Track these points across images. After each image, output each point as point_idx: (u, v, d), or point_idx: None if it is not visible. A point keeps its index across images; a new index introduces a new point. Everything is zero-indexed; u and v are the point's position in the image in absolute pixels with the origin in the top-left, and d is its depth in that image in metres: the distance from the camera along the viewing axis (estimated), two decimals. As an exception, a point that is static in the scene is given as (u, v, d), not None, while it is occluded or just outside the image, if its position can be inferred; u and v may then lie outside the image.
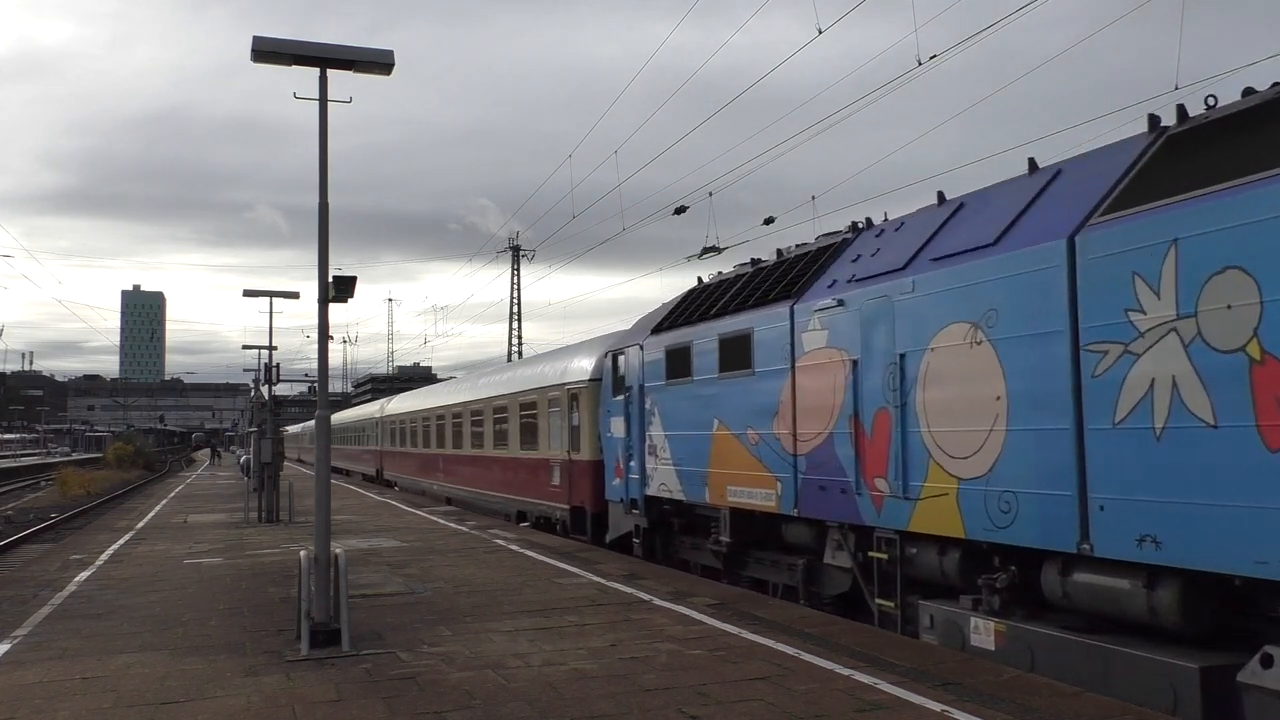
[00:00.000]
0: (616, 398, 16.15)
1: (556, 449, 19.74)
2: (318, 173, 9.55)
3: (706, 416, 12.77)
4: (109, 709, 6.97)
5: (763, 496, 11.56)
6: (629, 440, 15.49)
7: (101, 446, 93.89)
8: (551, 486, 19.94)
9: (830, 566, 10.87)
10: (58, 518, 28.12)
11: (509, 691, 7.23)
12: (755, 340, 11.71)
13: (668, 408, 14.04)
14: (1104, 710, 6.55)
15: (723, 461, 12.42)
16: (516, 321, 66.62)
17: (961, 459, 8.49)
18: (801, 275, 11.44)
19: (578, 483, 18.56)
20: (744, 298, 12.43)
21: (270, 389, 26.40)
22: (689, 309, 14.07)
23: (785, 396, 11.08)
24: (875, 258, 10.17)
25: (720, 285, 13.76)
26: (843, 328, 10.15)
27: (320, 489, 9.44)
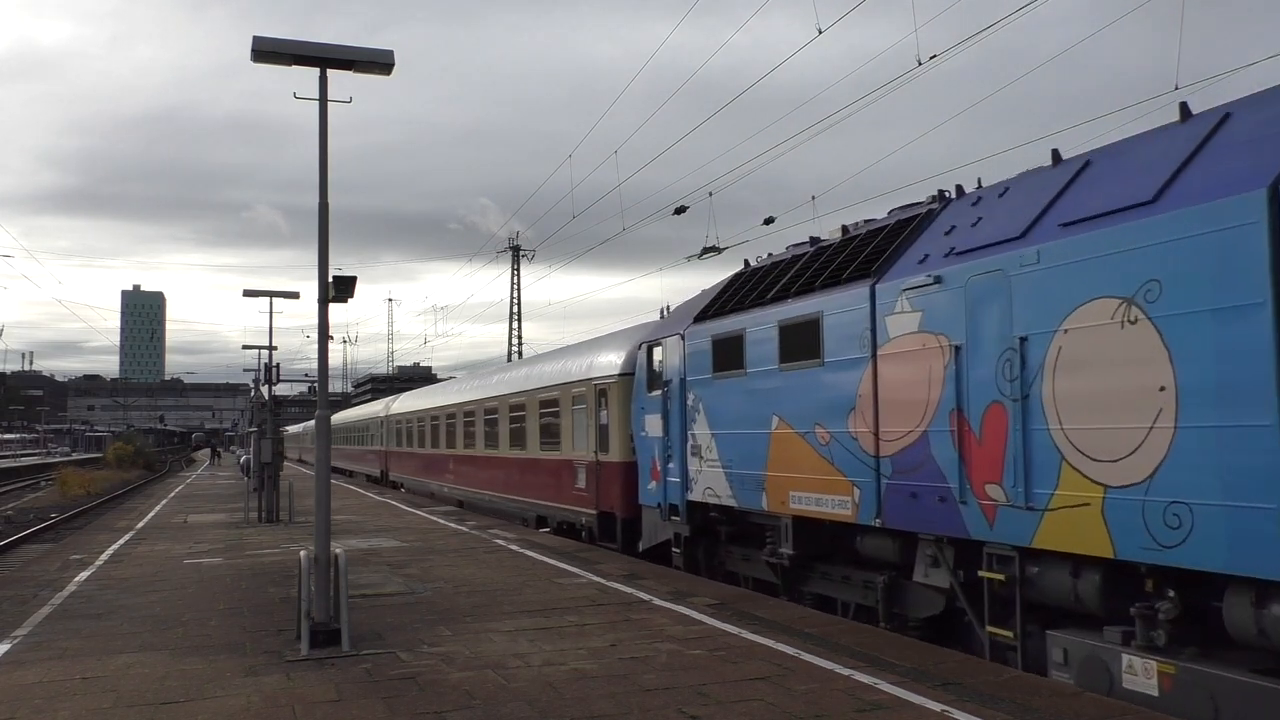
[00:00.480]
0: (652, 393, 14.76)
1: (581, 449, 18.41)
2: (318, 173, 9.56)
3: (763, 413, 11.46)
4: (109, 709, 6.97)
5: (835, 504, 10.20)
6: (667, 440, 14.12)
7: (101, 446, 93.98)
8: (576, 490, 18.60)
9: (921, 586, 9.44)
10: (58, 518, 28.08)
11: (509, 691, 7.24)
12: (825, 326, 10.39)
13: (715, 404, 12.67)
14: (1104, 710, 6.55)
15: (784, 464, 11.11)
16: (516, 321, 66.63)
17: (1108, 463, 7.06)
18: (880, 252, 10.04)
19: (606, 486, 17.18)
20: (809, 279, 11.05)
21: (270, 389, 26.38)
22: (739, 294, 12.71)
23: (864, 390, 9.75)
24: (979, 228, 8.78)
25: (776, 267, 12.34)
26: (940, 309, 8.79)
27: (320, 489, 9.44)
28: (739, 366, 12.09)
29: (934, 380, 8.87)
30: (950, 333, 8.68)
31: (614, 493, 16.82)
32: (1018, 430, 7.89)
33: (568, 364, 20.18)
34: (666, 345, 14.30)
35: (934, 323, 8.89)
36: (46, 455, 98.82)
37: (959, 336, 8.58)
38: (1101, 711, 6.51)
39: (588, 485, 17.98)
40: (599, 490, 17.45)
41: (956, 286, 8.62)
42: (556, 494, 19.82)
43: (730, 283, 13.56)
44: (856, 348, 9.93)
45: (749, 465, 11.84)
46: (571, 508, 18.86)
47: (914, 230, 9.96)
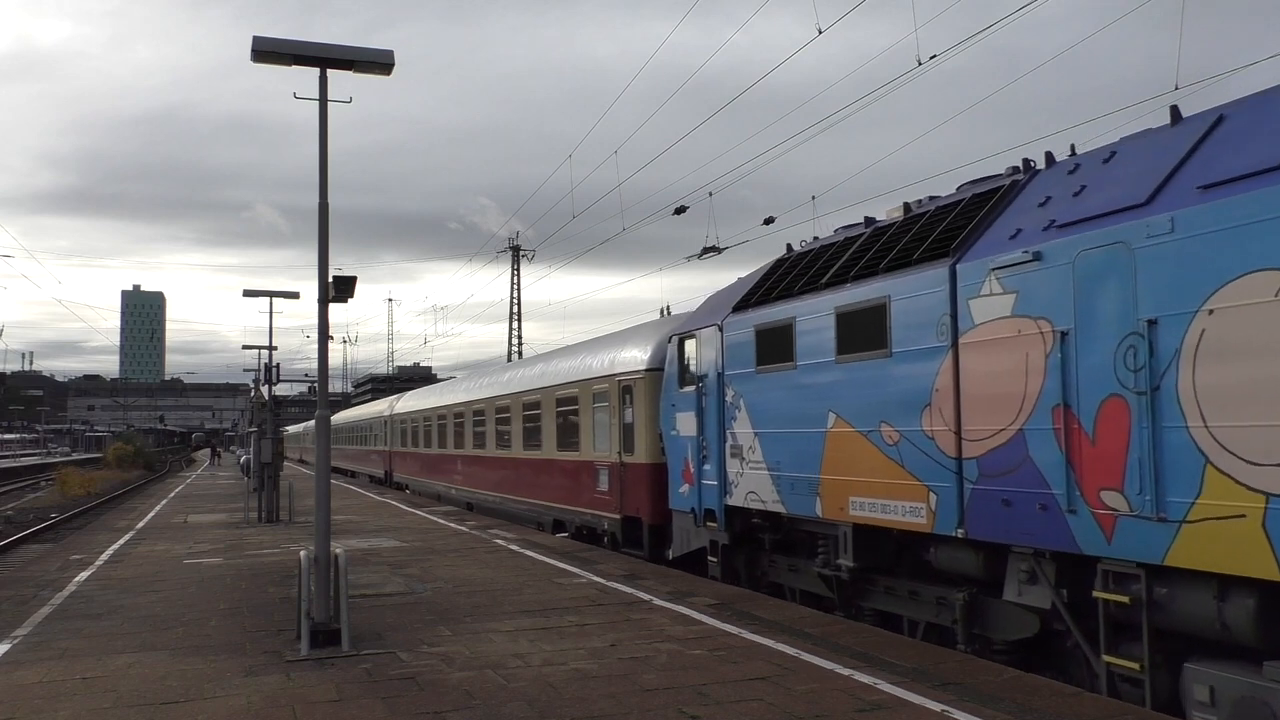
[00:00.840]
0: (684, 390, 13.70)
1: (604, 450, 17.27)
2: (318, 173, 9.58)
3: (817, 410, 10.48)
4: (109, 709, 6.97)
5: (905, 511, 9.19)
6: (702, 440, 13.08)
7: (101, 447, 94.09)
8: (597, 493, 17.48)
9: (1013, 605, 8.35)
10: (58, 518, 28.10)
11: (509, 691, 7.24)
12: (892, 313, 9.38)
13: (759, 400, 11.66)
14: (1104, 710, 6.55)
15: (842, 466, 10.10)
16: (516, 321, 66.62)
17: (1271, 467, 6.02)
18: (958, 228, 9.03)
19: (632, 489, 16.05)
20: (872, 261, 10.03)
21: (270, 389, 26.38)
22: (785, 280, 11.68)
23: (943, 383, 8.71)
24: (1085, 197, 7.76)
25: (827, 250, 11.33)
26: (1040, 289, 7.77)
27: (320, 489, 9.44)
28: (787, 359, 11.11)
29: (1032, 371, 7.83)
30: (1053, 316, 7.65)
31: (640, 496, 15.75)
32: (1144, 428, 6.83)
33: (587, 359, 19.03)
34: (701, 337, 13.30)
35: (1032, 305, 7.87)
36: (46, 455, 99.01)
37: (1064, 320, 7.55)
38: (1101, 711, 6.52)
39: (610, 488, 16.91)
40: (623, 493, 16.37)
41: (1061, 263, 7.59)
42: (575, 497, 18.78)
43: (773, 269, 12.46)
44: (932, 336, 8.89)
45: (800, 467, 10.84)
46: (592, 512, 17.84)
47: (997, 204, 8.93)
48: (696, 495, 13.31)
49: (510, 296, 65.78)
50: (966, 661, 8.02)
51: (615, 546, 16.53)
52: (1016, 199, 8.80)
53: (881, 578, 10.27)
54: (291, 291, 25.80)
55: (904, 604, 9.96)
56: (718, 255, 25.54)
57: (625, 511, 16.29)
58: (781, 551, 12.06)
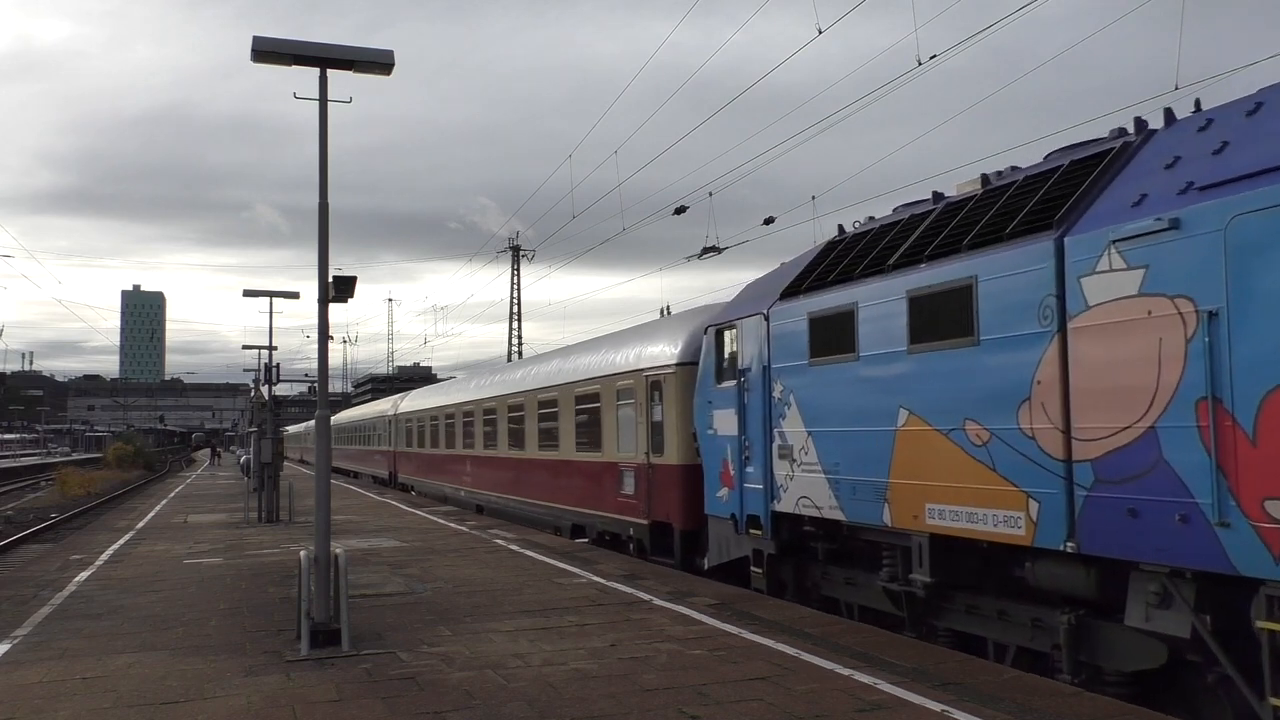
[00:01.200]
0: (723, 385, 12.65)
1: (629, 451, 16.28)
2: (318, 173, 9.56)
3: (884, 405, 9.44)
4: (109, 709, 6.97)
5: (998, 520, 8.07)
6: (744, 439, 12.05)
7: (101, 446, 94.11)
8: (621, 497, 16.45)
9: (1136, 632, 7.26)
10: (58, 518, 28.12)
11: (509, 691, 7.24)
12: (980, 295, 8.30)
13: (812, 395, 10.63)
14: (1104, 710, 6.55)
15: (916, 469, 9.03)
16: (516, 321, 66.64)
17: None
18: (1061, 196, 7.97)
19: (661, 493, 15.02)
20: (952, 237, 8.96)
21: (270, 389, 26.39)
22: (842, 263, 10.65)
23: (1046, 374, 7.62)
24: (1229, 154, 6.79)
25: (890, 229, 10.27)
26: (1178, 263, 6.73)
27: (320, 489, 9.44)
28: (847, 350, 10.06)
29: (1168, 359, 6.78)
30: (1196, 294, 6.59)
31: (671, 500, 14.72)
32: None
33: (609, 354, 17.95)
34: (743, 328, 12.22)
35: (1167, 281, 6.79)
36: (46, 455, 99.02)
37: (1213, 299, 6.48)
38: (1101, 711, 6.52)
39: (637, 491, 15.86)
40: (651, 497, 15.34)
41: (1208, 230, 6.54)
42: (597, 500, 17.68)
43: (825, 251, 11.44)
44: (1033, 320, 7.81)
45: (863, 470, 9.79)
46: (616, 516, 16.76)
47: (1107, 168, 7.94)
48: (737, 500, 12.26)
49: (510, 296, 65.85)
50: (966, 661, 8.02)
51: (642, 554, 15.60)
52: (1132, 162, 7.80)
53: (960, 594, 9.13)
54: (291, 291, 25.82)
55: (990, 625, 8.85)
56: (718, 255, 25.58)
57: (654, 516, 15.31)
58: (837, 563, 11.05)
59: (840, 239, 11.37)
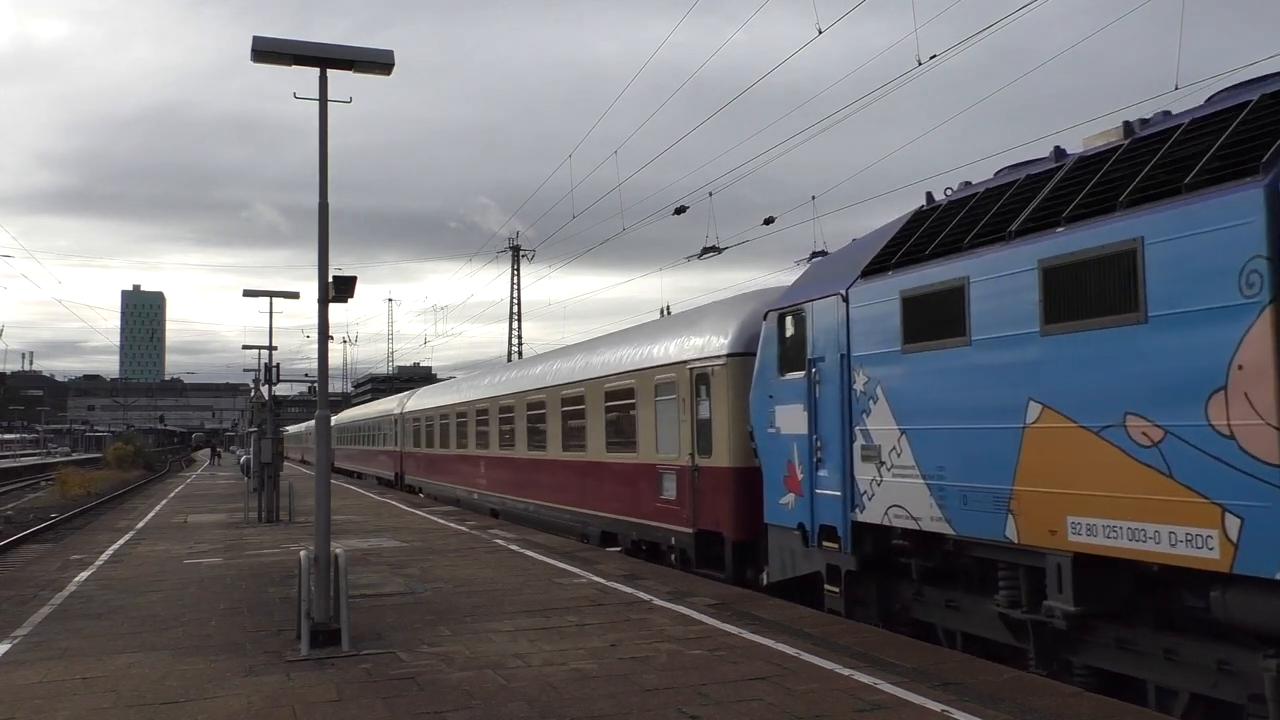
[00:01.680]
0: (788, 377, 11.30)
1: (669, 451, 14.82)
2: (318, 173, 9.56)
3: (1007, 398, 8.01)
4: (109, 709, 6.97)
5: (1180, 539, 6.63)
6: (815, 439, 10.68)
7: (101, 447, 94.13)
8: (661, 502, 14.97)
9: None
10: (58, 518, 28.14)
11: (509, 691, 7.24)
12: (1147, 260, 6.91)
13: (907, 387, 9.26)
14: (1103, 710, 6.55)
15: (1052, 473, 7.59)
16: (516, 321, 66.66)
17: None
18: (1267, 134, 6.50)
19: (709, 498, 13.58)
20: (1098, 195, 7.59)
21: (270, 389, 26.40)
22: (941, 232, 9.26)
23: (1250, 357, 6.20)
24: None
25: (1005, 190, 8.84)
26: None
27: (320, 489, 9.44)
28: (955, 333, 8.66)
29: None
30: None
31: (721, 507, 13.25)
32: None
33: (645, 346, 16.45)
34: (813, 312, 10.88)
35: None
36: (46, 455, 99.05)
37: None
38: (1101, 711, 6.51)
39: (680, 496, 14.35)
40: (697, 503, 13.85)
41: None
42: (632, 506, 16.17)
43: (915, 221, 10.01)
44: (1230, 289, 6.37)
45: (976, 475, 8.36)
46: (655, 524, 15.24)
47: None
48: (806, 508, 10.85)
49: (510, 296, 65.87)
50: (967, 661, 8.01)
51: (685, 566, 14.09)
52: None
53: (1108, 626, 7.66)
54: (291, 291, 25.80)
55: (1151, 666, 7.34)
56: (718, 255, 25.59)
57: (700, 525, 13.77)
58: (934, 583, 9.61)
59: (932, 207, 9.92)
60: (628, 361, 16.85)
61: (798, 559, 11.23)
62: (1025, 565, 8.13)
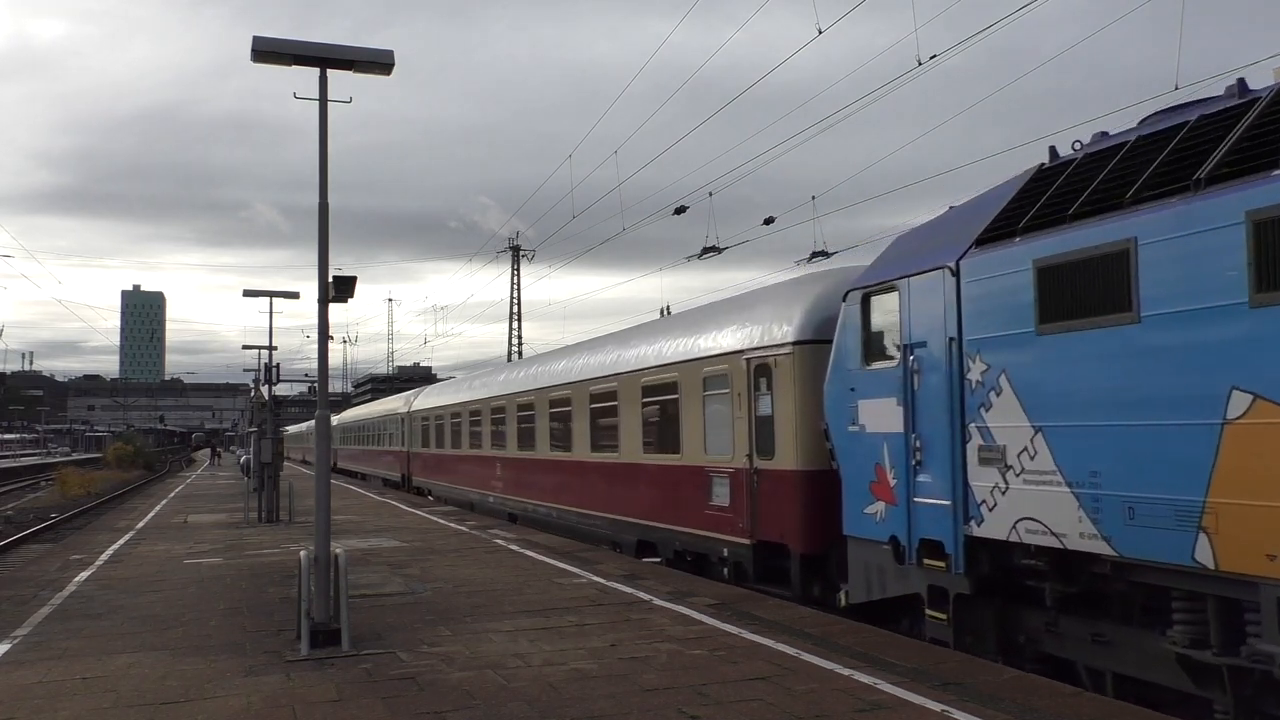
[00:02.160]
0: (875, 366, 9.91)
1: (721, 452, 13.29)
2: (318, 173, 9.55)
3: (1200, 388, 6.58)
4: (109, 709, 6.97)
5: None
6: (912, 437, 9.26)
7: (101, 447, 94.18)
8: (711, 509, 13.46)
9: None
10: (58, 518, 28.14)
11: (509, 691, 7.24)
12: None
13: (1045, 376, 7.78)
14: (1104, 710, 6.55)
15: (1271, 482, 6.11)
16: (516, 321, 66.68)
17: None
18: None
19: (771, 505, 12.05)
20: None
21: (270, 389, 26.40)
22: (1088, 186, 7.82)
23: None
24: None
25: (1173, 134, 7.48)
26: None
27: (320, 489, 9.44)
28: (1116, 308, 7.20)
29: None
30: None
31: (786, 515, 11.76)
32: None
33: (689, 336, 14.85)
34: (910, 290, 9.42)
35: None
36: (46, 455, 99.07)
37: None
38: (1101, 711, 6.51)
39: (735, 503, 12.83)
40: (756, 510, 12.31)
41: None
42: (675, 513, 14.62)
43: (1040, 179, 8.56)
44: None
45: (1150, 483, 6.89)
46: (703, 533, 13.69)
47: None
48: (901, 519, 9.39)
49: (510, 296, 65.87)
50: (967, 661, 8.01)
51: (740, 580, 12.63)
52: None
53: None
54: (291, 291, 25.81)
55: None
56: (718, 255, 25.59)
57: (761, 535, 12.27)
58: (1076, 612, 8.04)
59: (1061, 163, 8.51)
60: (669, 353, 15.29)
61: (888, 578, 9.69)
62: (1217, 596, 6.60)
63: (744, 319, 13.34)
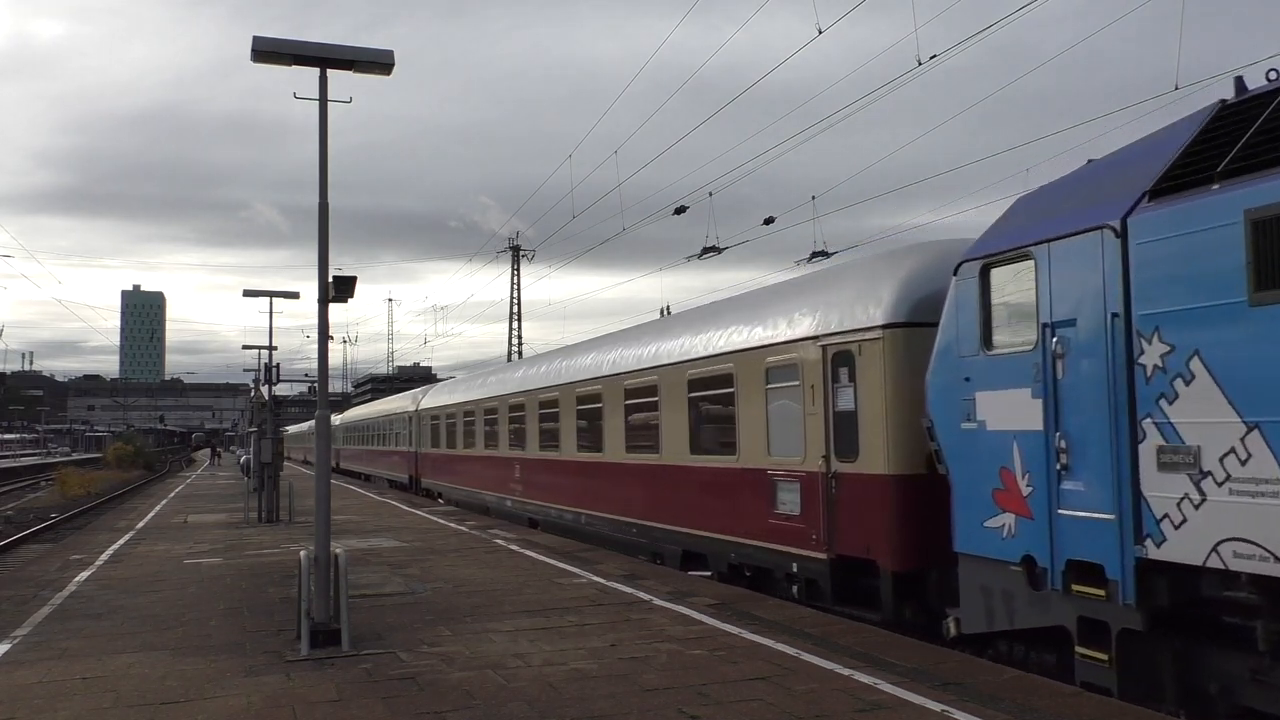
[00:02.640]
0: (1001, 351, 8.37)
1: (788, 453, 11.69)
2: (318, 173, 9.55)
3: None
4: (109, 709, 6.97)
5: None
6: (1056, 436, 7.72)
7: (101, 447, 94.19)
8: (776, 518, 11.85)
9: None
10: (58, 518, 28.15)
11: (509, 691, 7.24)
12: None
13: (1264, 358, 6.19)
14: (1104, 710, 6.54)
15: None
16: (516, 321, 66.69)
17: None
18: None
19: (853, 514, 10.52)
20: None
21: (270, 389, 26.41)
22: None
23: None
24: None
25: None
26: None
27: (320, 489, 9.45)
28: None
29: None
30: None
31: (874, 526, 10.21)
32: None
33: (746, 323, 13.17)
34: (1053, 257, 7.85)
35: None
36: (46, 455, 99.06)
37: None
38: (1101, 711, 6.51)
39: (807, 511, 11.27)
40: (834, 520, 10.77)
41: None
42: (730, 521, 12.96)
43: (1227, 116, 7.06)
44: None
45: None
46: (766, 545, 12.06)
47: None
48: (1039, 534, 7.88)
49: (510, 296, 65.88)
50: (967, 662, 8.01)
51: (814, 600, 11.10)
52: None
53: None
54: (291, 291, 25.80)
55: None
56: (718, 255, 25.59)
57: (840, 549, 10.71)
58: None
59: (1262, 92, 6.95)
60: (721, 342, 13.61)
61: (1018, 605, 8.18)
62: None
63: (815, 301, 11.68)
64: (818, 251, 23.25)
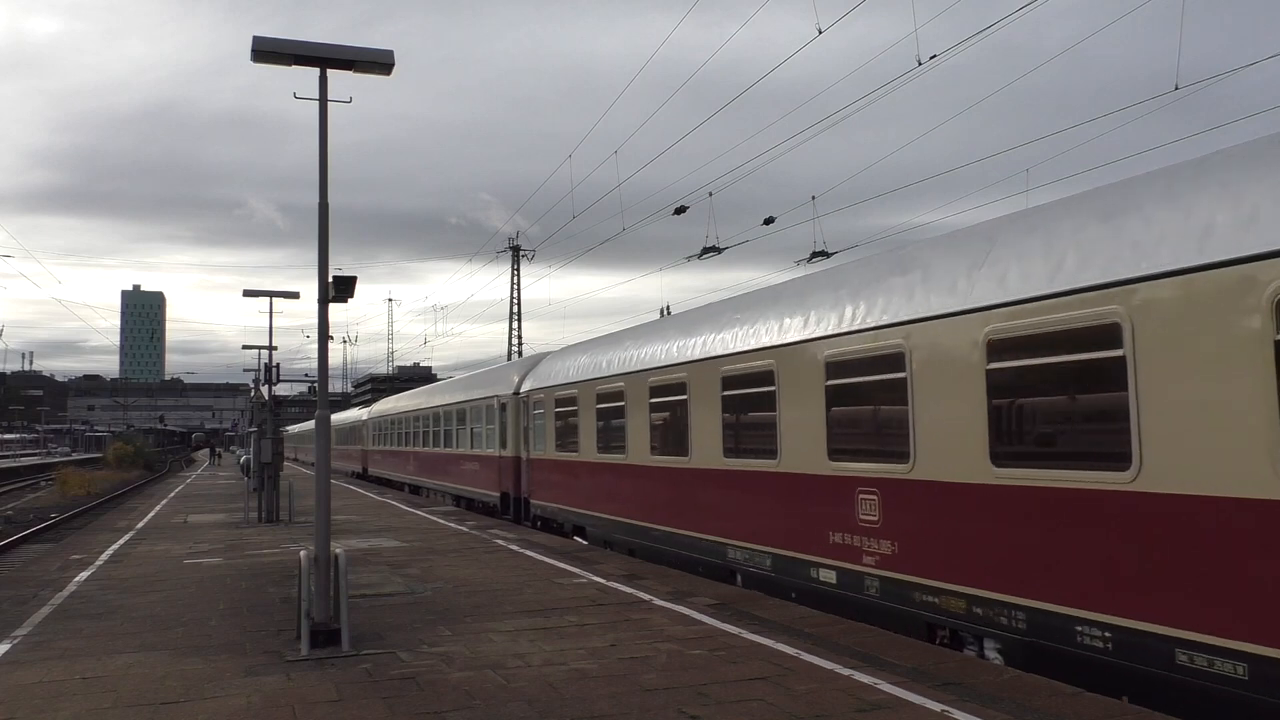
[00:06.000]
0: None
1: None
2: (318, 173, 9.55)
3: None
4: (109, 709, 6.97)
5: None
6: None
7: (101, 446, 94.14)
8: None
9: None
10: (58, 518, 28.14)
11: (509, 691, 7.24)
12: None
13: None
14: (1104, 710, 6.54)
15: None
16: (516, 321, 66.66)
17: None
18: None
19: None
20: None
21: (270, 389, 26.41)
22: None
23: None
24: None
25: None
26: None
27: (320, 489, 9.45)
28: None
29: None
30: None
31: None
32: None
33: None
34: None
35: None
36: (46, 455, 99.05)
37: None
38: (1101, 711, 6.51)
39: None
40: None
41: None
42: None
43: None
44: None
45: None
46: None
47: None
48: None
49: (510, 296, 65.84)
50: (967, 662, 8.01)
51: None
52: None
53: None
54: (291, 291, 25.83)
55: None
56: (718, 255, 25.58)
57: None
58: None
59: None
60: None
61: None
62: None
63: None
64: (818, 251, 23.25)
